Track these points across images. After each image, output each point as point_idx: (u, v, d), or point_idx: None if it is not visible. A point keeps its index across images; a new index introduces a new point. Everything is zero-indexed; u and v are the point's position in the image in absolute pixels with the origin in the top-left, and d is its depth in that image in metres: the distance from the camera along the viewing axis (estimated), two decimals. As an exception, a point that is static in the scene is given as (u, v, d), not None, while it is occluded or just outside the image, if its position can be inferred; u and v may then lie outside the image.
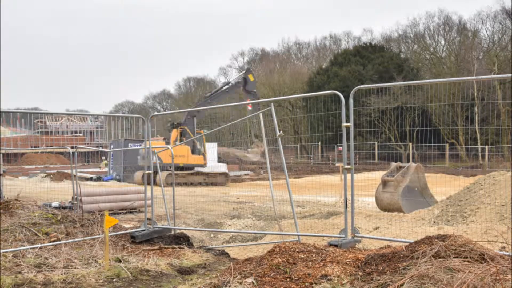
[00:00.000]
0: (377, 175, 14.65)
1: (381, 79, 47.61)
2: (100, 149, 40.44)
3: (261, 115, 8.64)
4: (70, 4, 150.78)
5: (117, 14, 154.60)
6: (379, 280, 4.01)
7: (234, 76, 29.06)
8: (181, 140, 27.11)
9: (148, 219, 8.27)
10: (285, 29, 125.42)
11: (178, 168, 26.35)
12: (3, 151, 14.83)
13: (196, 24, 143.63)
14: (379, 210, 13.74)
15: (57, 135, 62.29)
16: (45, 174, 32.93)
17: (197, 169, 28.38)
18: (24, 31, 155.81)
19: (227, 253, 7.45)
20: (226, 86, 29.65)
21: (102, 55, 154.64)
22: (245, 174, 35.26)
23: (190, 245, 7.71)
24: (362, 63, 51.33)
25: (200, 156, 28.04)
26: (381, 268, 4.34)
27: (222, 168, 29.80)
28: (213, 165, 31.37)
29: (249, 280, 4.36)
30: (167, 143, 29.37)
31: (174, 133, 27.73)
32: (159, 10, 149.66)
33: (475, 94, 38.46)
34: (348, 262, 4.72)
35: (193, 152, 28.22)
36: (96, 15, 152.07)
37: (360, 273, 4.41)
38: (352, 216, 6.56)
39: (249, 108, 25.58)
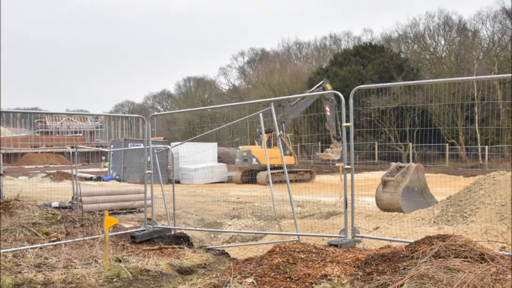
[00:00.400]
0: (377, 175, 14.65)
1: (381, 79, 47.59)
2: (100, 149, 40.42)
3: (261, 115, 8.65)
4: (70, 4, 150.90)
5: (118, 14, 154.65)
6: (379, 280, 4.01)
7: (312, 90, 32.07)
8: (274, 144, 29.87)
9: (148, 219, 8.28)
10: (285, 29, 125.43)
11: (274, 168, 28.73)
12: (3, 151, 14.83)
13: (196, 24, 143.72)
14: (379, 210, 13.73)
15: (57, 135, 62.31)
16: (45, 174, 32.93)
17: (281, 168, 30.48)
18: (23, 32, 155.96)
19: (227, 253, 7.45)
20: (308, 95, 31.16)
21: (102, 55, 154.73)
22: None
23: (190, 245, 7.71)
24: (362, 63, 51.32)
25: (291, 157, 30.65)
26: (381, 268, 4.34)
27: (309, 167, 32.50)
28: (213, 165, 31.40)
29: (249, 280, 4.36)
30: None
31: (266, 138, 29.44)
32: (159, 10, 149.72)
33: (475, 94, 38.45)
34: (348, 262, 4.72)
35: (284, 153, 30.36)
36: (96, 15, 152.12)
37: (360, 273, 4.41)
38: (352, 216, 6.56)
39: (327, 112, 28.98)
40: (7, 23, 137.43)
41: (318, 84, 32.34)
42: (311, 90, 32.26)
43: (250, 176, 29.41)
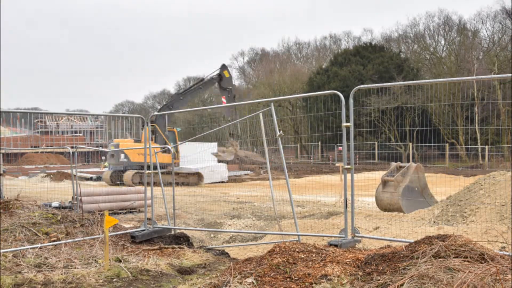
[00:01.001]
0: (377, 175, 14.65)
1: (381, 79, 47.60)
2: (100, 149, 40.42)
3: (261, 115, 8.63)
4: (71, 5, 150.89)
5: (118, 15, 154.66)
6: (379, 280, 4.01)
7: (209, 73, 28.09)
8: (154, 139, 26.31)
9: (148, 219, 8.28)
10: (285, 29, 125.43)
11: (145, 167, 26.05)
12: (3, 151, 14.83)
13: (196, 24, 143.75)
14: (379, 210, 13.73)
15: (57, 135, 62.32)
16: (45, 174, 32.93)
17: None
18: (24, 32, 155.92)
19: (227, 253, 7.45)
20: (201, 83, 28.79)
21: (103, 55, 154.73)
22: (245, 174, 35.25)
23: (190, 245, 7.71)
24: (362, 63, 51.33)
25: (169, 155, 26.75)
26: (381, 268, 4.34)
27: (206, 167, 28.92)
28: (213, 164, 31.36)
29: (249, 280, 4.36)
30: (136, 141, 27.94)
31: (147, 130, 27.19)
32: (159, 10, 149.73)
33: (475, 94, 38.45)
34: (348, 262, 4.72)
35: (164, 151, 27.88)
36: (96, 15, 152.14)
37: (360, 273, 4.41)
38: (352, 216, 6.56)
39: (224, 103, 25.25)
40: (8, 23, 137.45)
41: (214, 71, 28.60)
42: (205, 77, 28.77)
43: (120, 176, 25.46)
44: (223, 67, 28.71)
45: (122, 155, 25.60)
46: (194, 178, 27.33)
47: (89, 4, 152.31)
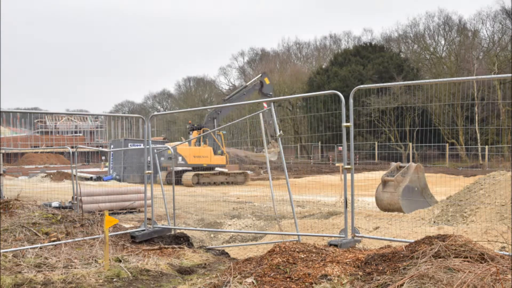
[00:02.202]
0: (377, 175, 14.65)
1: (381, 79, 47.60)
2: (100, 149, 40.44)
3: (261, 115, 8.64)
4: (70, 4, 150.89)
5: (118, 14, 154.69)
6: (379, 280, 4.01)
7: (251, 78, 29.72)
8: (204, 142, 29.00)
9: (148, 219, 8.28)
10: (285, 29, 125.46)
11: (202, 168, 28.08)
12: (3, 151, 14.83)
13: (196, 24, 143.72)
14: (379, 210, 13.73)
15: (57, 135, 62.33)
16: (45, 174, 32.94)
17: (217, 169, 30.03)
18: (24, 32, 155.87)
19: (227, 253, 7.45)
20: (244, 89, 30.26)
21: (103, 55, 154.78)
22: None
23: (190, 245, 7.72)
24: (362, 63, 51.35)
25: (222, 156, 29.47)
26: (381, 268, 4.35)
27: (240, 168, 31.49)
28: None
29: (249, 280, 4.36)
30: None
31: (195, 135, 28.60)
32: (160, 10, 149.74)
33: (475, 94, 38.45)
34: (348, 262, 4.72)
35: (215, 153, 29.70)
36: (96, 15, 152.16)
37: (360, 273, 4.41)
38: (352, 216, 6.56)
39: (265, 108, 26.40)
40: (7, 23, 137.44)
41: (256, 78, 30.55)
42: (248, 84, 30.76)
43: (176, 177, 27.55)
44: (264, 74, 30.87)
45: (180, 158, 27.87)
46: (241, 177, 29.60)
47: (89, 2, 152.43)
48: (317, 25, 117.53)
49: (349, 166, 6.39)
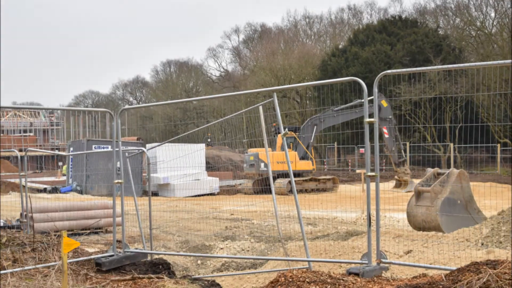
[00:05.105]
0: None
1: (413, 62, 47.66)
2: (57, 152, 40.52)
3: (260, 108, 8.65)
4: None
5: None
6: (412, 318, 4.01)
7: None
8: (294, 148, 31.91)
9: (117, 241, 8.28)
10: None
11: (285, 175, 29.94)
12: None
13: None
14: (411, 228, 13.75)
15: (2, 134, 62.37)
16: (-14, 185, 32.93)
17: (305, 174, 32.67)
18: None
19: (218, 284, 7.46)
20: (358, 108, 31.88)
21: (58, 36, 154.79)
22: (241, 184, 35.31)
23: (171, 274, 7.72)
24: (390, 42, 51.44)
25: (308, 161, 32.11)
26: (414, 302, 4.35)
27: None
28: (198, 172, 31.45)
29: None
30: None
31: (279, 139, 30.01)
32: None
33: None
34: (372, 296, 4.72)
35: (303, 158, 32.46)
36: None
37: (387, 309, 4.41)
38: (377, 236, 6.56)
39: (385, 135, 29.89)
40: None
41: (364, 100, 32.06)
42: (351, 104, 32.90)
43: (262, 186, 30.22)
44: (380, 95, 32.27)
45: (262, 164, 30.35)
46: (330, 183, 32.00)
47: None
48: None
49: (373, 173, 6.40)
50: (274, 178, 29.20)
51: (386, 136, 30.48)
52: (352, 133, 36.28)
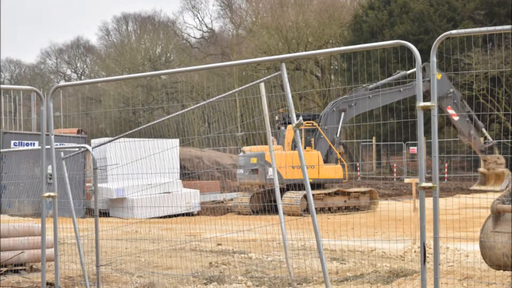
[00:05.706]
0: (484, 201, 14.68)
1: (491, 17, 47.64)
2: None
3: (262, 86, 8.67)
4: None
5: None
6: None
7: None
8: (312, 143, 30.94)
9: (48, 284, 8.30)
10: None
11: (298, 186, 29.05)
12: None
13: None
14: (487, 266, 13.79)
15: None
16: None
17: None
18: None
19: None
20: (402, 86, 31.28)
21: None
22: (233, 199, 35.35)
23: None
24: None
25: (335, 166, 31.43)
26: None
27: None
28: (168, 181, 31.30)
29: None
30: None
31: (290, 132, 29.39)
32: None
33: None
34: None
35: (326, 160, 31.68)
36: None
37: None
38: (435, 277, 6.58)
39: (454, 117, 30.96)
40: None
41: (410, 71, 31.82)
42: (393, 78, 32.30)
43: (264, 202, 29.49)
44: (427, 65, 31.68)
45: (270, 170, 28.20)
46: (366, 199, 31.60)
47: None
48: None
49: (430, 184, 6.39)
50: (282, 191, 28.60)
51: (456, 118, 30.78)
52: (398, 123, 36.29)
